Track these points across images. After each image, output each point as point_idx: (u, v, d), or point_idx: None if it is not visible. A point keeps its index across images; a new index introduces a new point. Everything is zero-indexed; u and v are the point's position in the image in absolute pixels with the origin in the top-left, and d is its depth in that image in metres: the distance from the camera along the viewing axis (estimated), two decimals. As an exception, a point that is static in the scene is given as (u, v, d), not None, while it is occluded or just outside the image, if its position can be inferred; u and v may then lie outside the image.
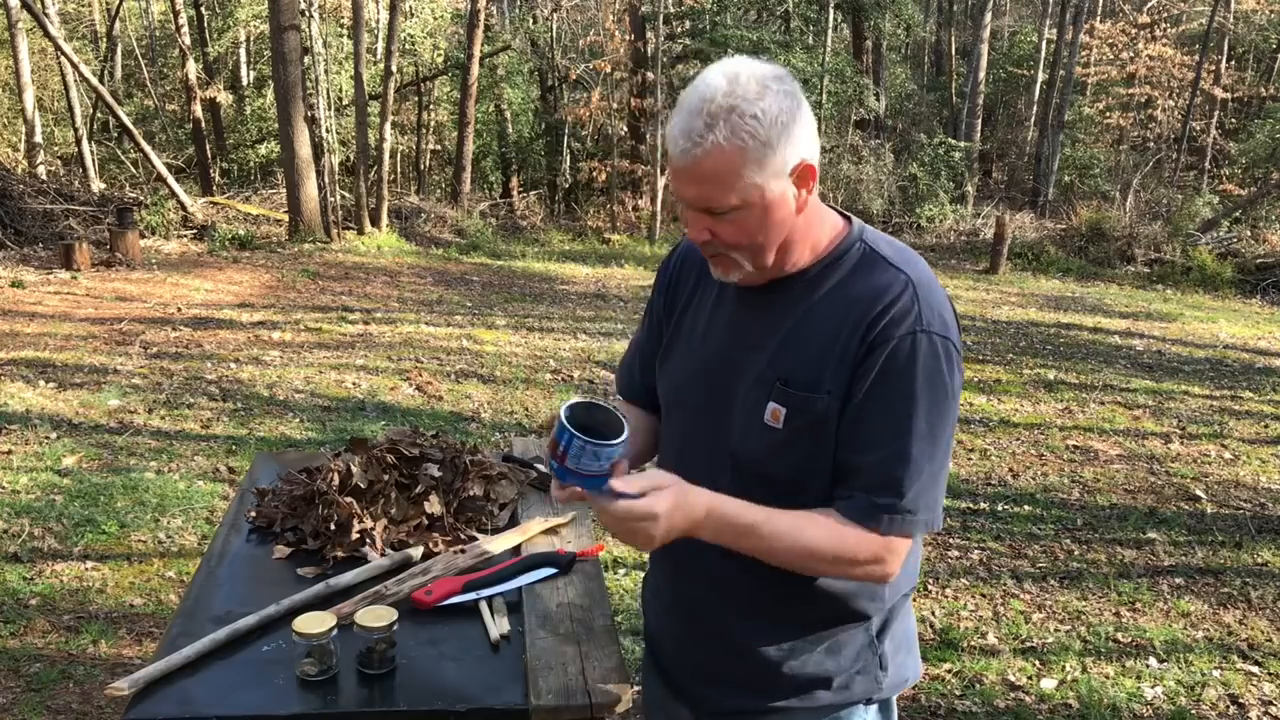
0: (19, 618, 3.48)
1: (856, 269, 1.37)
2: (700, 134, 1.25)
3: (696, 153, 1.25)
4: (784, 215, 1.32)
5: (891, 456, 1.31)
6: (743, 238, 1.33)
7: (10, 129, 17.30)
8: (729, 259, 1.36)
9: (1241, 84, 21.51)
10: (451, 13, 17.69)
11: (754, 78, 1.26)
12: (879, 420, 1.31)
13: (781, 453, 1.37)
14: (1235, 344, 9.05)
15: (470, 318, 8.81)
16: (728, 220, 1.31)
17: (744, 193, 1.28)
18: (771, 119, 1.25)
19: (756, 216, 1.30)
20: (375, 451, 2.05)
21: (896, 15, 18.96)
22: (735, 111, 1.24)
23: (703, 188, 1.28)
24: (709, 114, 1.24)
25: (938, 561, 4.26)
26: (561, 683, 1.49)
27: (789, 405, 1.35)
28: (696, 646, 1.53)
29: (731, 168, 1.26)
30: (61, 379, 6.18)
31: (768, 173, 1.27)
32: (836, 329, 1.33)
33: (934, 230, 16.49)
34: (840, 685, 1.46)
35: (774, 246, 1.34)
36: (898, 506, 1.32)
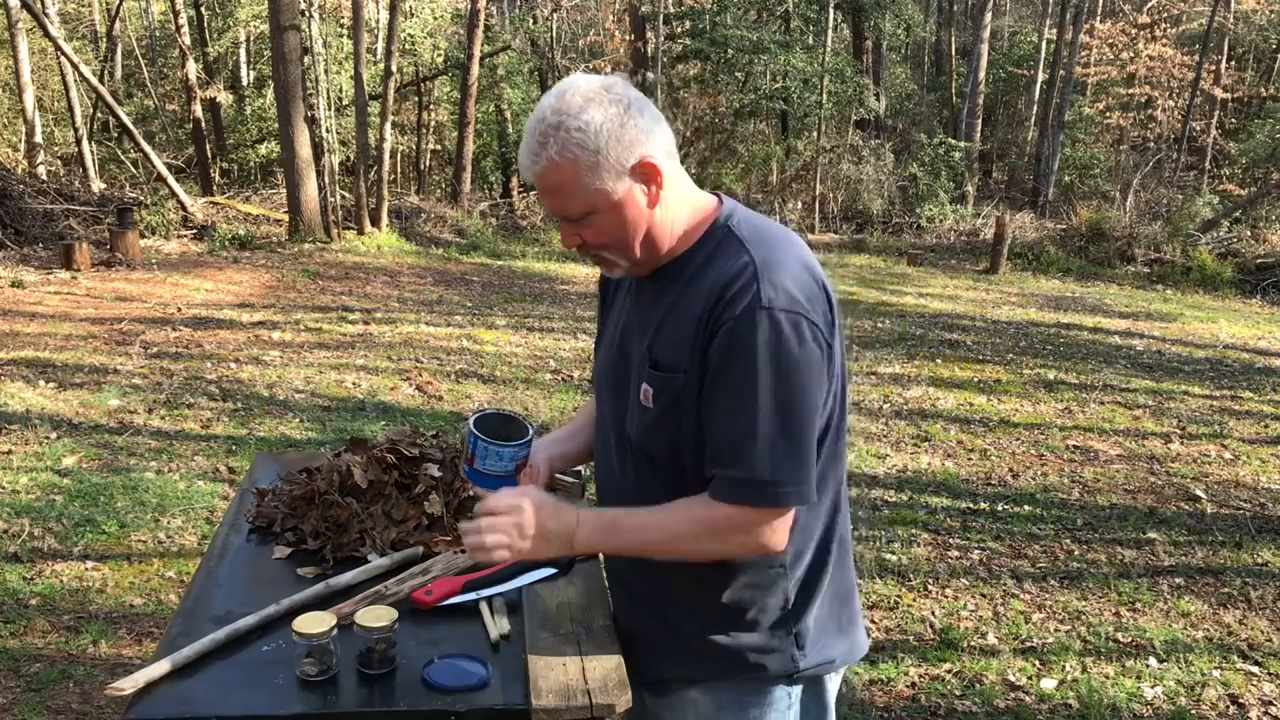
0: (19, 618, 3.48)
1: (715, 252, 1.45)
2: (535, 152, 1.38)
3: (537, 169, 1.39)
4: (636, 213, 1.42)
5: (740, 433, 1.37)
6: (604, 238, 1.44)
7: (10, 129, 17.30)
8: (604, 258, 1.48)
9: (1241, 84, 21.51)
10: (451, 13, 17.69)
11: (579, 92, 1.37)
12: (725, 400, 1.38)
13: (654, 431, 1.47)
14: (1235, 344, 9.05)
15: (470, 318, 8.81)
16: (586, 224, 1.43)
17: (589, 198, 1.39)
18: (596, 128, 1.35)
19: (610, 218, 1.41)
20: (375, 451, 2.05)
21: (896, 15, 18.97)
22: (561, 127, 1.36)
23: (553, 199, 1.41)
24: (540, 133, 1.37)
25: (938, 561, 4.26)
26: (561, 683, 1.49)
27: (655, 385, 1.45)
28: (632, 619, 1.62)
29: (569, 178, 1.37)
30: (61, 379, 6.18)
31: (605, 176, 1.37)
32: (695, 311, 1.42)
33: (934, 230, 16.50)
34: (755, 662, 1.52)
35: (636, 242, 1.44)
36: (751, 480, 1.37)
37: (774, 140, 18.82)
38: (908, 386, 7.09)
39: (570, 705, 1.44)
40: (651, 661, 1.58)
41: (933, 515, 4.77)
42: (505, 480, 1.57)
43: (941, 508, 4.87)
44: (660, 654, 1.57)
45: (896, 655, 3.47)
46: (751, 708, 1.54)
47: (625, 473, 1.56)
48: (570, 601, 1.74)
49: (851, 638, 1.62)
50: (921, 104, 22.41)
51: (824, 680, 1.59)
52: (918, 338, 8.81)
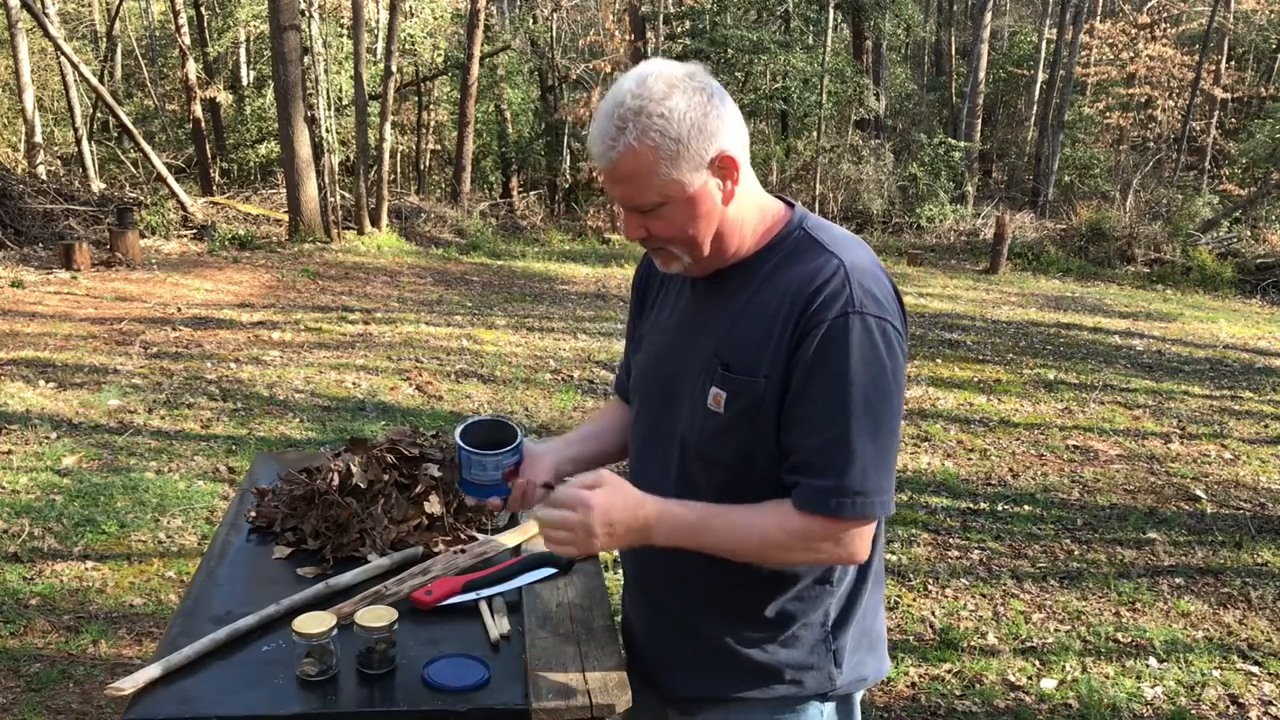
0: (19, 618, 3.48)
1: (793, 254, 1.41)
2: (613, 137, 1.31)
3: (612, 155, 1.32)
4: (709, 207, 1.37)
5: (832, 440, 1.33)
6: (673, 231, 1.38)
7: (10, 129, 17.30)
8: (667, 252, 1.42)
9: (1241, 84, 21.52)
10: (451, 13, 17.68)
11: (661, 78, 1.32)
12: (817, 404, 1.33)
13: (723, 437, 1.41)
14: (1235, 344, 9.05)
15: (470, 318, 8.81)
16: (656, 216, 1.37)
17: (664, 189, 1.33)
18: (679, 116, 1.30)
19: (682, 210, 1.36)
20: (375, 451, 2.05)
21: (896, 15, 18.96)
22: (643, 113, 1.30)
23: (625, 188, 1.35)
24: (619, 117, 1.31)
25: (938, 561, 4.26)
26: (561, 683, 1.49)
27: (729, 389, 1.39)
28: (660, 634, 1.57)
29: (646, 166, 1.31)
30: (61, 379, 6.18)
31: (683, 167, 1.32)
32: (774, 314, 1.37)
33: (934, 230, 16.50)
34: (793, 679, 1.48)
35: (706, 238, 1.39)
36: (843, 489, 1.33)
37: (774, 140, 18.82)
38: (908, 386, 7.08)
39: (570, 705, 1.44)
40: (682, 678, 1.53)
41: (933, 515, 4.77)
42: (495, 489, 1.55)
43: (941, 508, 4.87)
44: (692, 670, 1.53)
45: (896, 655, 3.47)
46: None
47: (671, 477, 1.49)
48: (570, 601, 1.74)
49: (880, 655, 1.59)
50: (921, 104, 22.41)
51: (853, 698, 1.56)
52: (918, 338, 8.81)
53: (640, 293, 1.66)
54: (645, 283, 1.65)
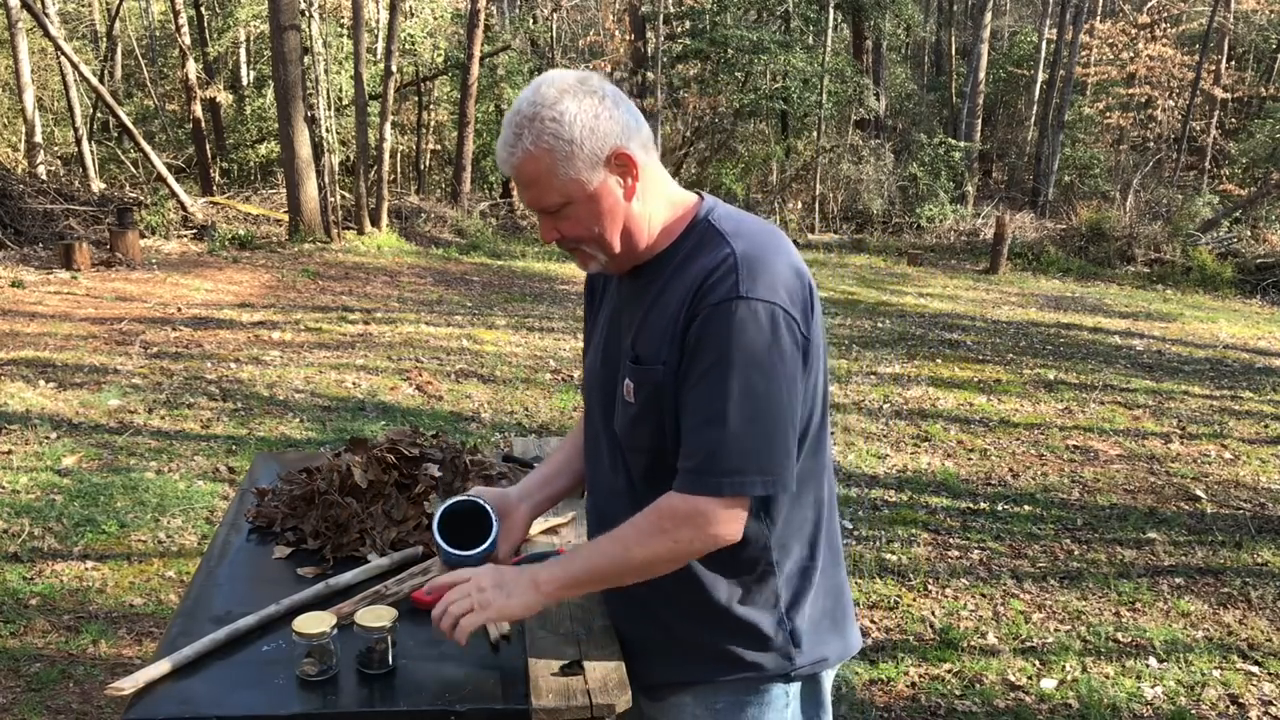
0: (19, 618, 3.48)
1: (697, 246, 1.45)
2: (511, 144, 1.39)
3: (513, 161, 1.39)
4: (612, 204, 1.42)
5: (705, 422, 1.36)
6: (581, 230, 1.43)
7: (10, 129, 17.29)
8: (583, 253, 1.48)
9: (1241, 84, 21.52)
10: (451, 13, 17.69)
11: (553, 85, 1.39)
12: (696, 387, 1.37)
13: (638, 425, 1.46)
14: (1235, 344, 9.05)
15: (470, 318, 8.81)
16: (563, 217, 1.43)
17: (564, 189, 1.39)
18: (570, 118, 1.36)
19: (585, 209, 1.41)
20: (375, 451, 2.05)
21: (896, 15, 18.96)
22: (537, 119, 1.36)
23: (529, 191, 1.41)
24: (516, 125, 1.38)
25: (938, 561, 4.26)
26: (561, 683, 1.49)
27: (636, 379, 1.45)
28: (626, 622, 1.60)
29: (545, 169, 1.38)
30: (61, 379, 6.18)
31: (579, 167, 1.38)
32: (674, 303, 1.41)
33: (934, 230, 16.50)
34: (752, 662, 1.51)
35: (614, 235, 1.44)
36: (711, 468, 1.36)
37: (774, 140, 18.82)
38: (908, 386, 7.09)
39: (570, 705, 1.44)
40: (647, 664, 1.56)
41: (933, 515, 4.77)
42: None
43: (941, 508, 4.87)
44: (656, 656, 1.56)
45: (896, 655, 3.47)
46: (750, 707, 1.54)
47: (616, 474, 1.55)
48: (570, 601, 1.74)
49: (845, 635, 1.62)
50: (921, 104, 22.40)
51: (820, 678, 1.59)
52: (918, 338, 8.81)
53: (589, 297, 1.71)
54: (591, 288, 1.70)
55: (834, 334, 8.89)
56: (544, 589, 1.45)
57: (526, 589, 1.45)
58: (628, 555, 1.43)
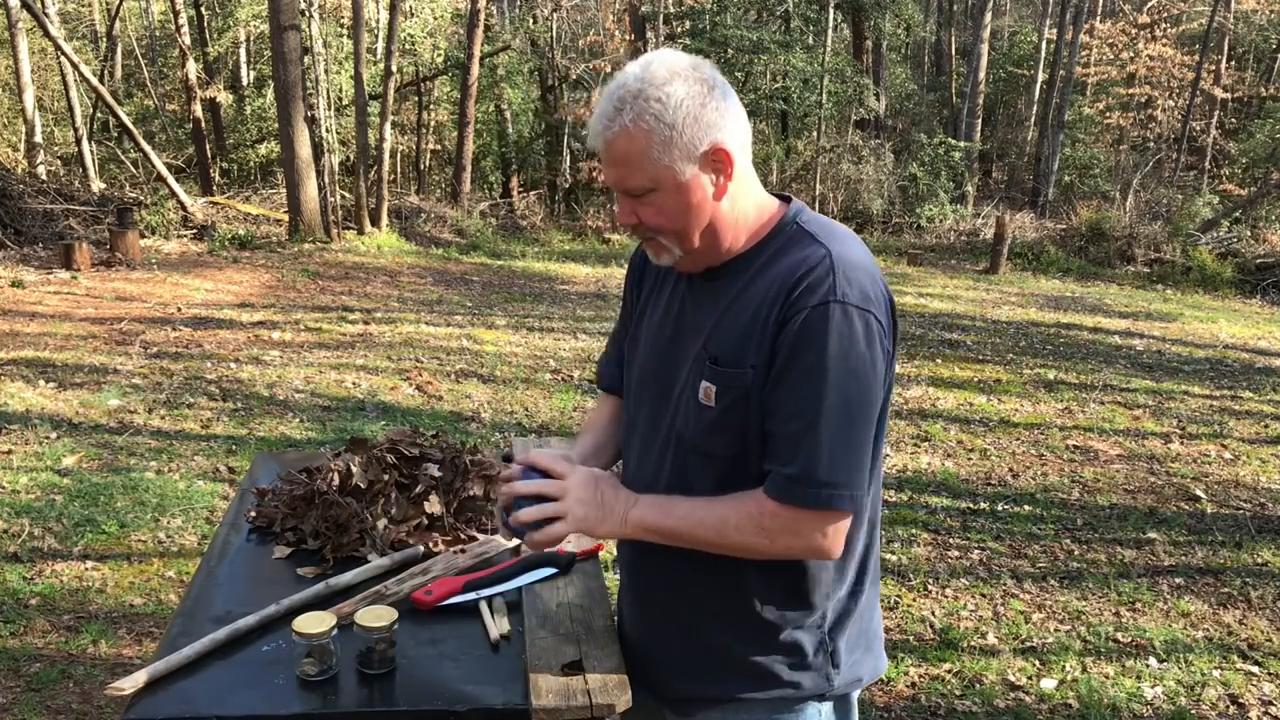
0: (19, 618, 3.48)
1: (784, 248, 1.40)
2: (610, 117, 1.32)
3: (607, 135, 1.33)
4: (701, 199, 1.36)
5: (803, 428, 1.32)
6: (663, 220, 1.38)
7: (10, 129, 17.29)
8: (658, 243, 1.42)
9: (1241, 84, 21.52)
10: (451, 13, 17.68)
11: (665, 65, 1.33)
12: (791, 391, 1.33)
13: (716, 431, 1.40)
14: (1235, 344, 9.05)
15: (470, 318, 8.81)
16: (646, 203, 1.37)
17: (654, 174, 1.33)
18: (676, 102, 1.31)
19: (672, 199, 1.36)
20: (375, 451, 2.05)
21: (896, 15, 18.96)
22: (641, 96, 1.31)
23: (617, 169, 1.35)
24: (619, 99, 1.32)
25: (938, 561, 4.26)
26: (561, 683, 1.49)
27: (719, 382, 1.38)
28: (656, 635, 1.56)
29: (638, 149, 1.32)
30: (61, 379, 6.18)
31: (675, 154, 1.32)
32: (760, 304, 1.37)
33: (934, 230, 16.50)
34: (790, 680, 1.48)
35: (696, 231, 1.39)
36: (808, 478, 1.32)
37: (774, 140, 18.82)
38: (908, 386, 7.08)
39: (570, 705, 1.44)
40: (680, 679, 1.53)
41: (933, 515, 4.77)
42: None
43: (941, 508, 4.87)
44: (689, 671, 1.52)
45: (896, 655, 3.47)
46: None
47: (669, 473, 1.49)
48: (570, 601, 1.74)
49: (877, 654, 1.59)
50: (921, 104, 22.40)
51: (850, 697, 1.55)
52: (918, 338, 8.81)
53: (634, 286, 1.64)
54: (639, 276, 1.63)
55: (834, 334, 8.87)
56: (631, 527, 1.40)
57: (618, 522, 1.40)
58: (722, 534, 1.37)
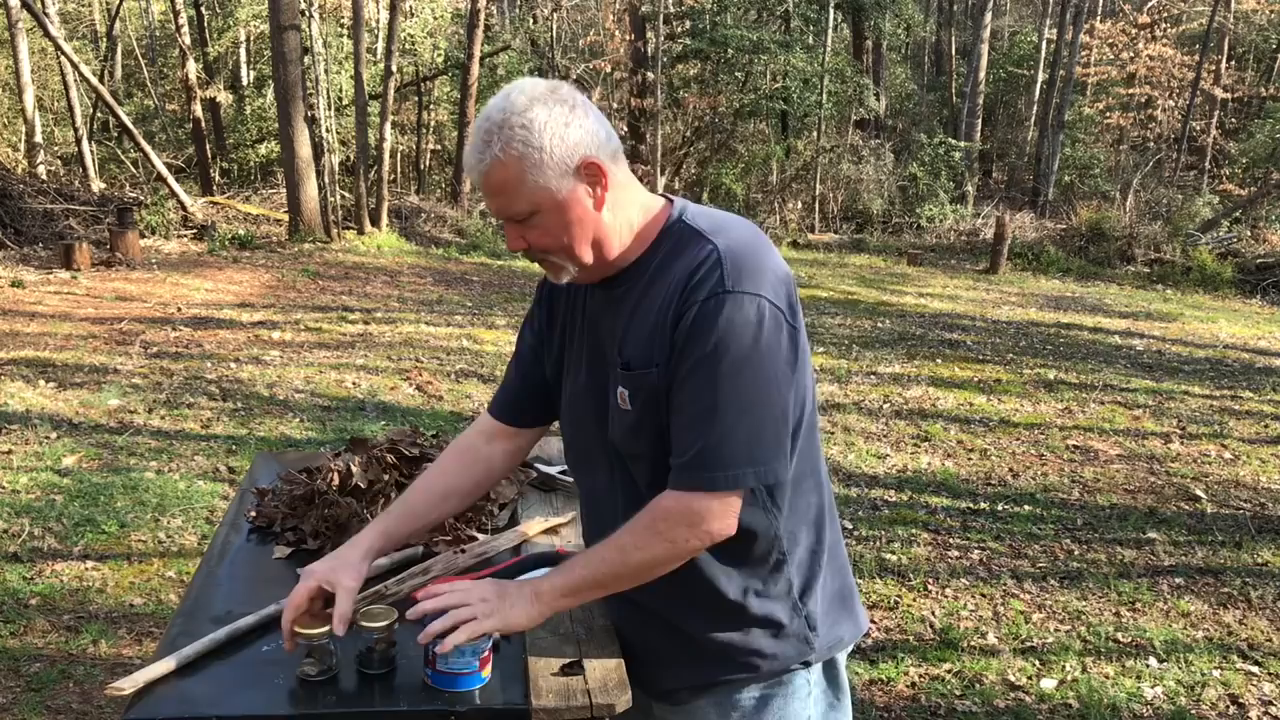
0: (19, 618, 3.48)
1: (675, 247, 1.44)
2: (481, 151, 1.37)
3: (481, 168, 1.38)
4: (582, 213, 1.40)
5: (696, 417, 1.36)
6: (549, 240, 1.41)
7: (10, 129, 17.29)
8: (551, 263, 1.46)
9: (1241, 84, 21.53)
10: (451, 13, 17.69)
11: (523, 93, 1.38)
12: (686, 384, 1.37)
13: (637, 433, 1.45)
14: (1235, 344, 9.05)
15: (470, 317, 8.81)
16: (531, 226, 1.40)
17: (533, 197, 1.37)
18: (540, 125, 1.35)
19: (554, 218, 1.39)
20: (375, 451, 2.05)
21: (896, 15, 18.97)
22: (506, 125, 1.35)
23: (498, 199, 1.39)
24: (485, 132, 1.37)
25: (938, 561, 4.26)
26: (561, 683, 1.49)
27: (630, 386, 1.44)
28: (638, 631, 1.58)
29: (514, 176, 1.36)
30: (61, 379, 6.18)
31: (549, 175, 1.36)
32: (661, 305, 1.41)
33: (934, 230, 16.50)
34: (771, 653, 1.51)
35: (583, 244, 1.42)
36: (701, 462, 1.36)
37: (774, 140, 18.83)
38: (908, 386, 7.09)
39: (570, 705, 1.44)
40: (666, 672, 1.56)
41: (933, 515, 4.77)
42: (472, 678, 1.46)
43: (941, 508, 4.87)
44: (676, 663, 1.55)
45: (896, 655, 3.47)
46: (773, 700, 1.53)
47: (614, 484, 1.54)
48: (570, 601, 1.74)
49: (855, 614, 1.62)
50: (921, 104, 22.41)
51: (836, 660, 1.59)
52: (918, 338, 8.81)
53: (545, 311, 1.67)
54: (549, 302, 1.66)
55: (834, 334, 8.89)
56: (545, 599, 1.44)
57: (528, 600, 1.44)
58: (625, 559, 1.42)
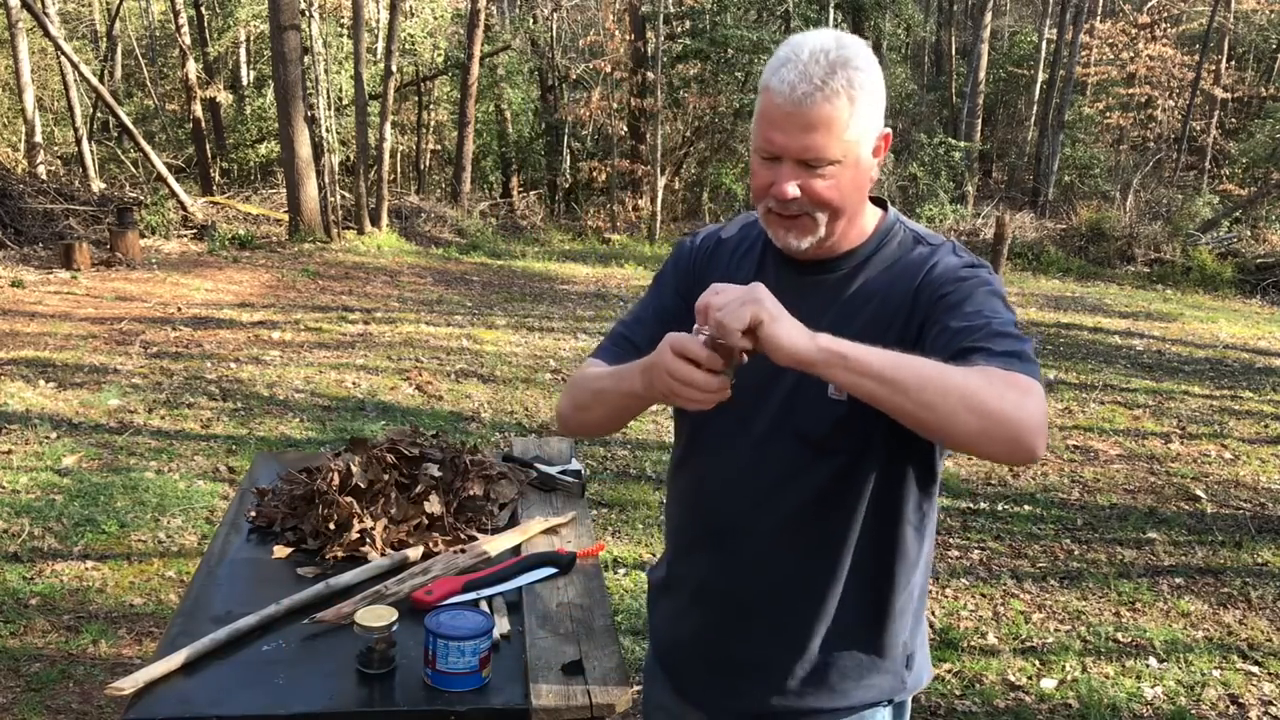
0: (19, 618, 3.48)
1: (899, 248, 1.41)
2: (822, 79, 1.25)
3: (817, 96, 1.25)
4: (864, 181, 1.34)
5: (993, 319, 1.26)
6: (835, 195, 1.31)
7: (10, 129, 17.29)
8: (809, 220, 1.33)
9: (1241, 84, 21.53)
10: (451, 13, 17.68)
11: (856, 43, 1.30)
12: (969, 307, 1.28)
13: (847, 424, 1.34)
14: (1235, 344, 9.05)
15: (470, 317, 8.81)
16: (823, 175, 1.30)
17: (845, 146, 1.28)
18: (877, 80, 1.30)
19: (850, 175, 1.31)
20: (375, 451, 2.05)
21: (896, 15, 18.97)
22: (850, 64, 1.27)
23: (812, 137, 1.27)
24: (829, 62, 1.26)
25: (938, 561, 4.26)
26: (561, 683, 1.49)
27: None
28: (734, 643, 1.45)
29: (843, 118, 1.27)
30: (61, 379, 6.18)
31: (870, 131, 1.31)
32: (891, 298, 1.35)
33: (934, 230, 16.48)
34: (870, 683, 1.44)
35: (854, 211, 1.36)
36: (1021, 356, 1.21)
37: (774, 140, 18.79)
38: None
39: (570, 705, 1.44)
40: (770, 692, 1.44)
41: (933, 515, 4.76)
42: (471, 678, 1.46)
43: (941, 507, 4.86)
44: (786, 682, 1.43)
45: (896, 655, 3.47)
46: None
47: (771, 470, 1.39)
48: (570, 601, 1.74)
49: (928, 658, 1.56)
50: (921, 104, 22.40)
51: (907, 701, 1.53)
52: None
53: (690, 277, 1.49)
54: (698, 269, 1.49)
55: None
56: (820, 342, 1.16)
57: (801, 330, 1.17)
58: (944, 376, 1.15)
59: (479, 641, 1.45)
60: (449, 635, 1.45)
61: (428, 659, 1.47)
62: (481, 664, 1.47)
